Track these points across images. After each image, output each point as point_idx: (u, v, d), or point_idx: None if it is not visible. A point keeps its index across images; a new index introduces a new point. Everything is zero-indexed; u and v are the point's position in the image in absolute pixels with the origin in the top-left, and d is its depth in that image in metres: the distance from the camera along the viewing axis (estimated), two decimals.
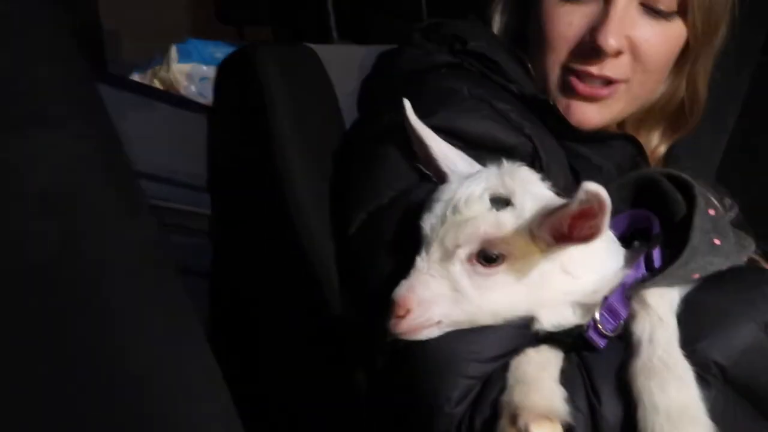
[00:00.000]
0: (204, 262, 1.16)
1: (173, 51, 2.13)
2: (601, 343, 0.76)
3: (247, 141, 1.06)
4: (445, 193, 0.78)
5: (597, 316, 0.76)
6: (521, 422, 0.70)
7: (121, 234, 0.59)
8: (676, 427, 0.67)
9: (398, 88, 1.00)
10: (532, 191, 0.77)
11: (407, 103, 0.87)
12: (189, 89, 2.06)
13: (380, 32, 1.16)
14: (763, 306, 0.74)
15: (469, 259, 0.76)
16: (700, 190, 0.84)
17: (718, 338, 0.73)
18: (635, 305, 0.76)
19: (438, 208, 0.77)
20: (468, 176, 0.79)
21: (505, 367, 0.76)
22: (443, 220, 0.76)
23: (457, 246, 0.75)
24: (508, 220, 0.75)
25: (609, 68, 0.96)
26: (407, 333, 0.77)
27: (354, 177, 0.96)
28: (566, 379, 0.75)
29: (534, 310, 0.78)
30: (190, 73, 2.09)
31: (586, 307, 0.78)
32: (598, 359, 0.76)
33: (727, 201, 1.20)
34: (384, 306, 0.77)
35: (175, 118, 1.61)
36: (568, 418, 0.71)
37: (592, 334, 0.76)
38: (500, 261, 0.76)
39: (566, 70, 0.98)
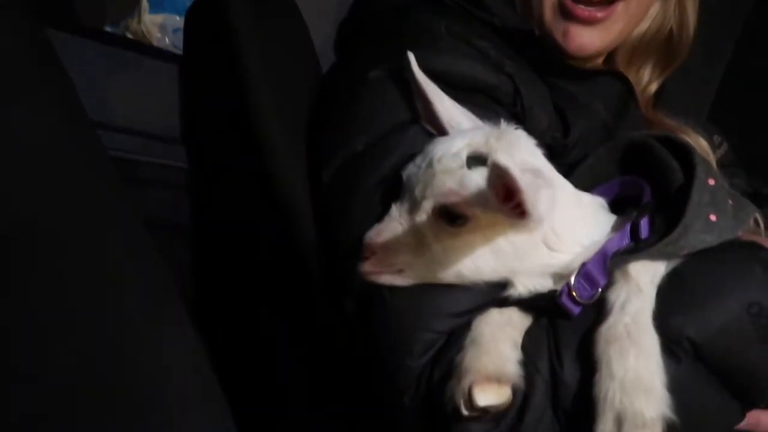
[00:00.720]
0: (184, 216, 1.12)
1: (144, 1, 2.04)
2: (574, 310, 0.74)
3: (219, 89, 1.02)
4: (432, 146, 0.76)
5: (572, 282, 0.73)
6: (465, 383, 0.69)
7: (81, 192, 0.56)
8: (628, 395, 0.65)
9: (374, 29, 0.97)
10: (514, 156, 0.73)
11: (411, 56, 0.83)
12: (162, 41, 1.97)
13: None
14: (747, 285, 0.71)
15: (434, 214, 0.74)
16: (700, 157, 0.79)
17: (696, 315, 0.70)
18: (616, 274, 0.73)
19: (419, 160, 0.76)
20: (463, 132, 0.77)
21: (467, 324, 0.75)
22: (419, 171, 0.75)
23: (423, 198, 0.74)
24: (473, 181, 0.71)
25: None
26: (370, 275, 0.76)
27: (330, 123, 0.93)
28: (531, 340, 0.73)
29: (506, 277, 0.76)
30: (163, 24, 2.00)
31: (565, 274, 0.75)
32: (568, 324, 0.74)
33: (717, 138, 1.17)
34: (354, 252, 0.76)
35: (147, 68, 1.55)
36: (519, 382, 0.70)
37: (565, 300, 0.74)
38: (463, 222, 0.73)
39: None
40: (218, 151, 1.05)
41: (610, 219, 0.79)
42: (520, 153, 0.75)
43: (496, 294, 0.77)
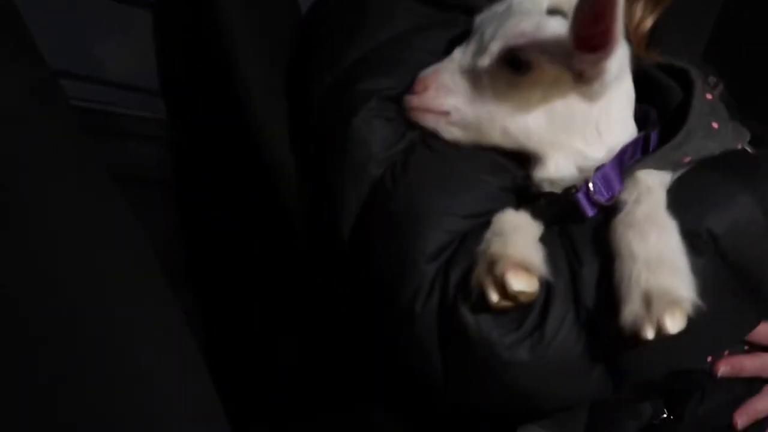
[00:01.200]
0: (165, 169, 1.09)
1: None
2: (589, 211, 0.71)
3: (195, 33, 0.97)
4: None
5: (591, 180, 0.70)
6: (498, 269, 0.65)
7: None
8: (654, 274, 0.63)
9: None
10: None
11: None
12: None
13: None
14: (759, 179, 0.70)
15: (499, 57, 0.70)
16: (696, 74, 0.78)
17: (711, 208, 0.69)
18: (626, 182, 0.71)
19: (497, 6, 0.74)
20: None
21: (484, 225, 0.71)
22: (495, 14, 0.73)
23: (493, 38, 0.71)
24: (550, 26, 0.69)
25: None
26: (415, 110, 0.74)
27: (316, 44, 0.87)
28: (546, 242, 0.70)
29: (545, 151, 0.73)
30: None
31: (585, 174, 0.72)
32: (581, 227, 0.71)
33: (712, 79, 1.14)
34: (351, 182, 0.73)
35: (121, 14, 1.48)
36: (546, 274, 0.67)
37: (582, 198, 0.71)
38: (527, 71, 0.70)
39: None
40: (197, 101, 1.01)
41: (635, 130, 0.77)
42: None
43: (506, 197, 0.74)
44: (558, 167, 0.74)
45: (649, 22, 1.10)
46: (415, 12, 0.81)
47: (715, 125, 0.75)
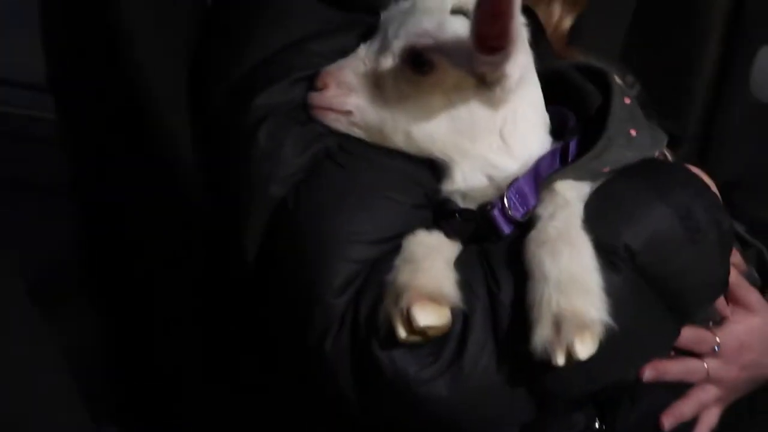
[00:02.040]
0: (55, 174, 0.99)
1: None
2: (505, 228, 0.69)
3: (86, 25, 0.89)
4: None
5: (506, 196, 0.68)
6: (403, 302, 0.62)
7: None
8: (566, 295, 0.61)
9: None
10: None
11: None
12: None
13: None
14: (675, 190, 0.69)
15: (401, 56, 0.68)
16: (614, 78, 0.77)
17: (629, 222, 0.67)
18: (543, 193, 0.69)
19: (402, 4, 0.71)
20: None
21: (395, 250, 0.68)
22: (399, 14, 0.70)
23: (396, 37, 0.68)
24: (452, 26, 0.67)
25: None
26: (316, 108, 0.71)
27: (218, 45, 0.82)
28: (463, 265, 0.68)
29: (451, 157, 0.71)
30: None
31: (497, 186, 0.70)
32: (499, 245, 0.69)
33: (629, 78, 1.15)
34: (257, 191, 0.69)
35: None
36: (459, 303, 0.64)
37: (497, 215, 0.69)
38: (429, 72, 0.68)
39: None
40: (91, 95, 0.93)
41: (549, 139, 0.75)
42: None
43: (419, 215, 0.71)
44: (465, 177, 0.71)
45: (568, 22, 1.10)
46: (317, 14, 0.78)
47: (633, 132, 0.73)
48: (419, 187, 0.72)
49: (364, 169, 0.71)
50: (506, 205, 0.68)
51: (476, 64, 0.67)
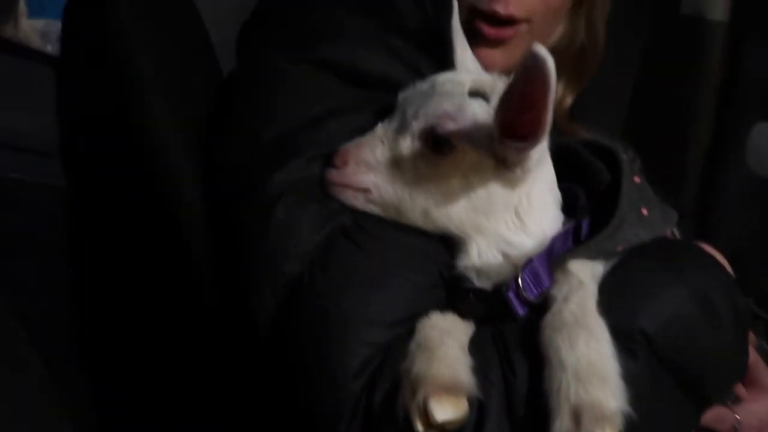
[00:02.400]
0: (57, 242, 0.98)
1: (21, 3, 1.83)
2: (520, 309, 0.69)
3: (104, 93, 0.89)
4: (438, 75, 0.74)
5: (520, 277, 0.69)
6: (420, 396, 0.61)
7: None
8: (584, 385, 0.60)
9: (279, 23, 0.89)
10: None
11: (455, 4, 0.80)
12: (44, 50, 1.78)
13: None
14: (691, 272, 0.69)
15: (421, 137, 0.69)
16: (623, 156, 0.78)
17: (645, 305, 0.67)
18: (557, 273, 0.70)
19: (420, 84, 0.74)
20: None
21: (409, 333, 0.68)
22: (417, 93, 0.72)
23: (415, 117, 0.70)
24: (472, 108, 0.69)
25: (513, 6, 0.91)
26: (335, 185, 0.72)
27: (229, 122, 0.84)
28: (477, 348, 0.68)
29: (467, 234, 0.71)
30: (45, 30, 1.80)
31: (512, 263, 0.70)
32: (514, 329, 0.68)
33: (631, 154, 1.18)
34: (265, 265, 0.69)
35: (13, 69, 1.38)
36: (476, 392, 0.63)
37: (512, 297, 0.69)
38: (448, 152, 0.69)
39: (472, 14, 0.92)
40: (102, 164, 0.92)
41: (561, 218, 0.76)
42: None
43: (434, 296, 0.71)
44: (481, 253, 0.71)
45: (570, 100, 1.14)
46: (334, 92, 0.79)
47: (644, 211, 0.74)
48: (434, 265, 0.72)
49: (380, 248, 0.71)
50: (521, 286, 0.68)
51: (500, 150, 0.68)
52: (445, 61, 0.87)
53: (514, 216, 0.72)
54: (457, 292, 0.72)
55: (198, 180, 0.83)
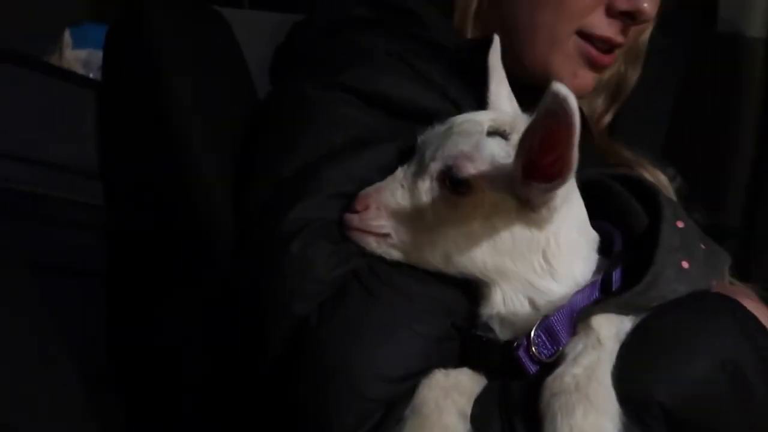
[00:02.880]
0: (96, 260, 0.99)
1: (66, 35, 1.90)
2: (531, 368, 0.66)
3: (140, 116, 0.91)
4: (456, 117, 0.73)
5: (533, 335, 0.65)
6: None
7: None
8: None
9: (310, 50, 0.90)
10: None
11: (496, 37, 0.79)
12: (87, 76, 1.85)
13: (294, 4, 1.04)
14: (720, 340, 0.64)
15: (439, 179, 0.68)
16: (666, 198, 0.73)
17: (666, 375, 0.62)
18: (578, 326, 0.66)
19: (439, 126, 0.72)
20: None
21: (411, 392, 0.65)
22: (435, 135, 0.71)
23: (432, 159, 0.69)
24: (489, 148, 0.67)
25: (625, 35, 0.91)
26: (354, 230, 0.71)
27: (260, 147, 0.84)
28: (481, 410, 0.65)
29: (491, 279, 0.68)
30: (87, 60, 1.87)
31: (540, 314, 0.67)
32: (521, 387, 0.65)
33: (670, 171, 1.15)
34: (279, 310, 0.68)
35: (58, 92, 1.42)
36: None
37: (522, 355, 0.66)
38: (467, 193, 0.67)
39: (582, 37, 0.90)
40: (141, 188, 0.94)
41: (595, 260, 0.71)
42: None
43: (443, 348, 0.68)
44: (506, 300, 0.68)
45: (609, 117, 1.11)
46: (359, 121, 0.78)
47: (685, 264, 0.68)
48: (448, 317, 0.70)
49: (392, 297, 0.69)
50: (533, 343, 0.65)
51: (522, 190, 0.65)
52: (475, 84, 0.86)
53: (542, 259, 0.68)
54: (471, 342, 0.69)
55: (233, 208, 0.82)
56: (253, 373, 0.73)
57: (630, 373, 0.62)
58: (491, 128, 0.69)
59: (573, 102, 0.57)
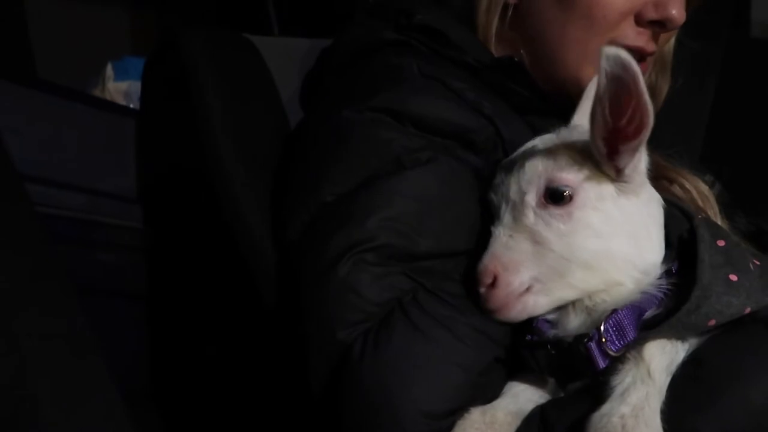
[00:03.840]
0: (137, 282, 1.02)
1: (109, 69, 1.98)
2: (601, 362, 0.65)
3: (177, 142, 0.94)
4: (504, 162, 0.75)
5: (603, 327, 0.65)
6: None
7: None
8: None
9: (343, 74, 0.91)
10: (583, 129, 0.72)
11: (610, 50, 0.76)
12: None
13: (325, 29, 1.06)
14: None
15: (540, 204, 0.69)
16: (703, 220, 0.73)
17: (715, 413, 0.61)
18: (630, 353, 0.65)
19: (498, 176, 0.74)
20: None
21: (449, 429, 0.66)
22: (504, 181, 0.72)
23: (523, 194, 0.70)
24: (563, 149, 0.70)
25: (654, 44, 0.92)
26: (501, 308, 0.69)
27: (296, 173, 0.85)
28: None
29: (630, 253, 0.69)
30: (128, 91, 1.94)
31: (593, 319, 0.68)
32: (565, 425, 0.64)
33: (709, 178, 1.12)
34: (319, 331, 0.69)
35: (101, 122, 1.47)
36: None
37: (593, 346, 0.65)
38: (570, 197, 0.69)
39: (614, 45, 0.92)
40: (179, 211, 0.96)
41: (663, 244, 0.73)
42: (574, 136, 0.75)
43: (483, 384, 0.68)
44: (639, 269, 0.69)
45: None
46: (395, 143, 0.78)
47: (733, 277, 0.67)
48: (491, 349, 0.69)
49: (435, 332, 0.69)
50: (603, 337, 0.65)
51: (611, 164, 0.68)
52: (507, 96, 0.86)
53: (648, 218, 0.71)
54: (530, 344, 0.68)
55: (268, 230, 0.84)
56: (300, 398, 0.74)
57: (679, 412, 0.61)
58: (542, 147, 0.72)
59: (627, 55, 0.60)
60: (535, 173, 0.70)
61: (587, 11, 0.87)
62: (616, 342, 0.65)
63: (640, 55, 0.90)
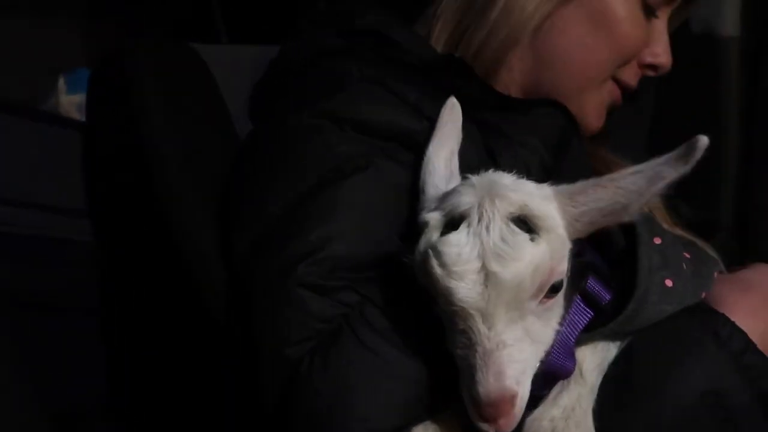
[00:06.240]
0: (90, 296, 1.01)
1: (61, 81, 1.96)
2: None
3: (120, 157, 0.93)
4: (450, 245, 0.61)
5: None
6: None
7: None
8: None
9: (288, 83, 0.91)
10: (535, 197, 0.64)
11: (456, 105, 0.80)
12: (81, 120, 1.88)
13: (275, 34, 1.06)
14: (701, 370, 0.63)
15: (540, 303, 0.61)
16: (641, 216, 0.70)
17: (645, 410, 0.61)
18: None
19: (466, 272, 0.59)
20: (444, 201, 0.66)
21: None
22: (478, 293, 0.59)
23: (528, 299, 0.60)
24: (554, 242, 0.61)
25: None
26: (510, 423, 0.58)
27: (243, 186, 0.84)
28: None
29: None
30: (81, 104, 1.91)
31: None
32: None
33: None
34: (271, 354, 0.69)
35: (51, 137, 1.45)
36: None
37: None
38: (562, 283, 0.62)
39: (614, 81, 0.98)
40: (126, 226, 0.96)
41: None
42: (529, 187, 0.65)
43: (437, 394, 0.67)
44: None
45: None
46: (333, 151, 0.78)
47: (669, 283, 0.66)
48: (442, 359, 0.67)
49: (383, 347, 0.68)
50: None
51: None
52: (457, 93, 0.84)
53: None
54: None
55: (217, 245, 0.83)
56: (256, 413, 0.73)
57: (609, 412, 0.61)
58: (514, 221, 0.61)
59: None
60: (539, 276, 0.59)
61: (617, 42, 0.93)
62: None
63: (628, 92, 0.98)
